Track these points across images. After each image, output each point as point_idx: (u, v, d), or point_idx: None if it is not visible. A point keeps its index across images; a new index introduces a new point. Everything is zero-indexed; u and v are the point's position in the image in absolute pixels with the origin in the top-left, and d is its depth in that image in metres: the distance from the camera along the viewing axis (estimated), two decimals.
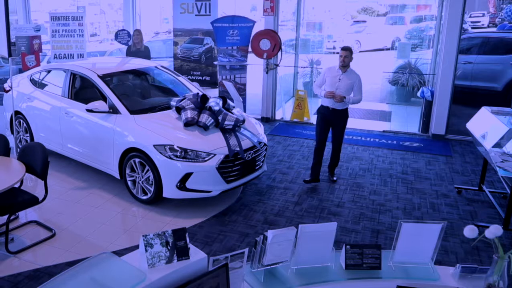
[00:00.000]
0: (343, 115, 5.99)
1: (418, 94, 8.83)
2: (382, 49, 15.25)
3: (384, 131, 8.63)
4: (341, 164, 6.84)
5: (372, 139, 8.13)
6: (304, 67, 10.72)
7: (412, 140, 8.13)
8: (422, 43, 12.11)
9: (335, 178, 6.29)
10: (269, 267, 2.79)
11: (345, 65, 5.80)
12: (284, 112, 9.52)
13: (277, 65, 9.06)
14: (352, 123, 9.00)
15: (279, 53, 8.80)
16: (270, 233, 2.71)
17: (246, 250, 2.56)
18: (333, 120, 5.98)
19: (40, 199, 4.64)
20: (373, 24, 17.77)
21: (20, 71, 9.71)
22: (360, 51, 16.23)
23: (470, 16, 12.40)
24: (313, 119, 9.20)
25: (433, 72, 9.02)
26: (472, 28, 11.96)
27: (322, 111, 6.05)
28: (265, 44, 8.62)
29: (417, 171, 6.67)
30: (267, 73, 9.07)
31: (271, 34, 8.61)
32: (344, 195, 5.82)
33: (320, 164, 6.16)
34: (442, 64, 7.94)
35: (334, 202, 5.67)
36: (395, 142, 8.01)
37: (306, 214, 5.37)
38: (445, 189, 6.08)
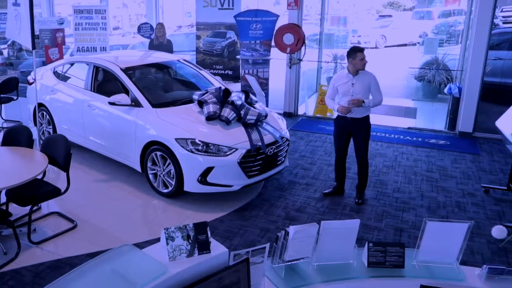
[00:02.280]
0: (365, 124, 5.36)
1: (445, 90, 8.68)
2: (408, 45, 15.03)
3: (409, 128, 8.51)
4: None
5: (396, 136, 8.03)
6: (327, 62, 10.64)
7: (438, 137, 8.00)
8: (450, 38, 11.90)
9: (360, 201, 5.51)
10: (290, 263, 2.79)
11: (363, 69, 5.22)
12: (307, 107, 9.47)
13: (300, 60, 9.01)
14: (376, 119, 8.92)
15: (303, 48, 8.75)
16: (291, 229, 2.70)
17: (267, 245, 2.56)
18: (353, 131, 5.37)
19: (62, 190, 4.72)
20: (399, 19, 17.53)
21: (44, 63, 9.92)
22: (385, 46, 16.04)
23: (502, 11, 12.12)
24: (336, 115, 9.12)
25: (461, 68, 8.85)
26: (504, 23, 11.69)
27: (340, 122, 5.44)
28: (288, 39, 8.58)
29: (442, 169, 6.57)
30: (290, 67, 9.03)
31: (295, 29, 8.56)
32: (367, 192, 5.77)
33: (343, 178, 5.72)
34: (471, 60, 7.78)
35: None
36: (420, 139, 7.90)
37: (327, 210, 5.34)
38: (471, 188, 5.98)
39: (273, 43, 8.83)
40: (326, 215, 5.20)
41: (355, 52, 5.18)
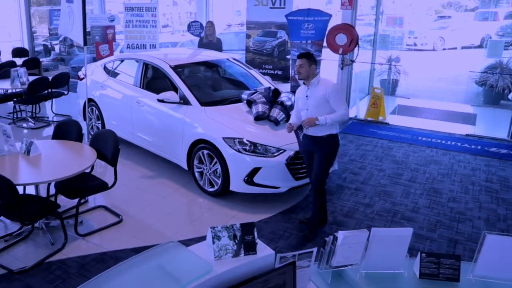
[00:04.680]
0: (325, 144, 4.58)
1: (510, 97, 8.34)
2: (469, 47, 14.55)
3: (467, 135, 8.23)
4: (417, 168, 6.64)
5: (453, 143, 7.78)
6: (381, 64, 10.46)
7: (499, 146, 7.69)
8: None
9: (307, 232, 4.76)
10: (337, 268, 2.76)
11: (302, 77, 4.55)
12: (358, 110, 9.34)
13: (353, 61, 8.90)
14: (431, 125, 8.71)
15: (356, 49, 8.64)
16: (340, 234, 2.68)
17: (315, 249, 2.55)
18: (313, 150, 4.67)
19: (109, 185, 4.87)
20: (460, 20, 16.98)
21: (94, 59, 10.26)
22: (443, 49, 15.60)
23: None
24: (389, 119, 8.99)
25: None
26: None
27: (303, 139, 4.77)
28: (341, 39, 8.49)
29: (504, 180, 6.31)
30: (342, 69, 8.94)
31: (348, 29, 8.46)
32: (420, 200, 5.63)
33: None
34: None
35: (409, 206, 5.50)
36: (479, 147, 7.62)
37: (377, 217, 5.25)
38: None
39: (325, 44, 8.77)
40: (375, 222, 5.11)
41: (297, 58, 4.59)
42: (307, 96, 4.56)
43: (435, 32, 16.35)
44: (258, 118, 5.45)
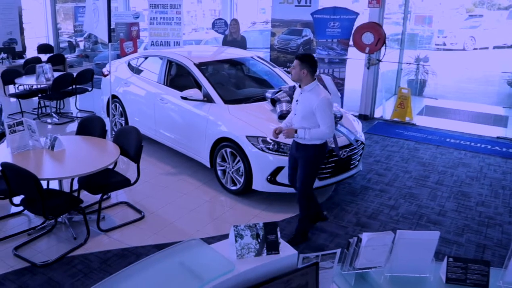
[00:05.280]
0: (306, 153, 4.43)
1: None
2: (502, 47, 14.26)
3: (498, 138, 8.07)
4: (444, 170, 6.54)
5: (483, 145, 7.64)
6: (409, 64, 10.34)
7: None
8: None
9: (290, 241, 4.22)
10: (360, 271, 2.73)
11: (293, 79, 4.42)
12: (384, 110, 9.25)
13: (379, 61, 8.82)
14: (460, 127, 8.57)
15: (383, 48, 8.56)
16: (365, 236, 2.65)
17: (338, 250, 2.53)
18: (297, 156, 4.56)
19: (132, 181, 4.93)
20: (492, 19, 16.65)
21: (118, 56, 10.40)
22: (474, 49, 15.33)
23: None
24: (416, 120, 8.88)
25: None
26: None
27: (291, 146, 4.70)
28: (368, 38, 8.42)
29: None
30: (368, 68, 8.87)
31: (375, 28, 8.39)
32: (447, 203, 5.55)
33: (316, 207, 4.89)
34: None
35: (435, 210, 5.42)
36: (511, 150, 7.46)
37: (402, 219, 5.19)
38: None
39: (351, 42, 8.71)
40: (400, 224, 5.05)
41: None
42: (297, 101, 4.43)
43: (466, 31, 16.06)
44: (282, 117, 5.43)
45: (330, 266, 2.53)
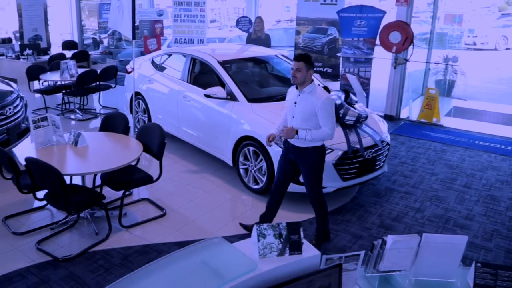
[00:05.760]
0: (307, 157, 4.33)
1: None
2: None
3: None
4: (473, 173, 6.44)
5: None
6: (437, 63, 10.19)
7: None
8: None
9: (314, 242, 4.48)
10: (385, 273, 2.71)
11: (298, 82, 4.21)
12: (411, 111, 9.14)
13: (406, 60, 8.72)
14: (490, 129, 8.41)
15: (410, 47, 8.46)
16: (390, 238, 2.62)
17: (362, 252, 2.51)
18: (296, 161, 4.44)
19: (154, 178, 4.97)
20: None
21: (142, 53, 10.51)
22: (506, 48, 15.02)
23: None
24: (444, 121, 8.75)
25: None
26: None
27: (285, 145, 4.53)
28: (395, 37, 8.32)
29: None
30: (395, 68, 8.77)
31: (403, 26, 8.29)
32: (475, 207, 5.45)
33: (271, 214, 4.72)
34: None
35: (462, 213, 5.33)
36: None
37: (428, 222, 5.13)
38: None
39: (377, 41, 8.63)
40: (425, 227, 4.99)
41: (293, 60, 4.26)
42: (295, 103, 4.29)
43: (498, 30, 15.76)
44: None
45: (354, 268, 2.51)
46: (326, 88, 5.84)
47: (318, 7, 9.36)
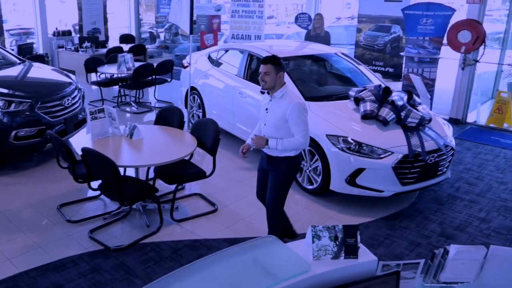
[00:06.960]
0: (278, 167, 4.10)
1: None
2: None
3: None
4: None
5: None
6: (511, 65, 9.77)
7: None
8: None
9: None
10: (446, 285, 2.62)
11: (267, 87, 3.97)
12: (479, 115, 8.83)
13: (476, 61, 8.42)
14: None
15: (481, 47, 8.16)
16: (453, 248, 2.54)
17: (422, 261, 2.45)
18: (267, 169, 4.23)
19: (207, 174, 5.04)
20: None
21: (198, 48, 10.68)
22: None
23: None
24: None
25: None
26: None
27: (261, 158, 4.39)
28: (464, 36, 8.05)
29: None
30: (463, 69, 8.49)
31: (474, 25, 8.01)
32: None
33: (283, 225, 4.52)
34: None
35: None
36: None
37: (494, 234, 4.93)
38: None
39: (445, 41, 8.38)
40: (491, 239, 4.79)
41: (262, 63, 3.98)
42: (267, 109, 4.08)
43: None
44: (365, 117, 5.33)
45: (412, 277, 2.45)
46: (387, 89, 5.71)
47: (381, 4, 9.21)
